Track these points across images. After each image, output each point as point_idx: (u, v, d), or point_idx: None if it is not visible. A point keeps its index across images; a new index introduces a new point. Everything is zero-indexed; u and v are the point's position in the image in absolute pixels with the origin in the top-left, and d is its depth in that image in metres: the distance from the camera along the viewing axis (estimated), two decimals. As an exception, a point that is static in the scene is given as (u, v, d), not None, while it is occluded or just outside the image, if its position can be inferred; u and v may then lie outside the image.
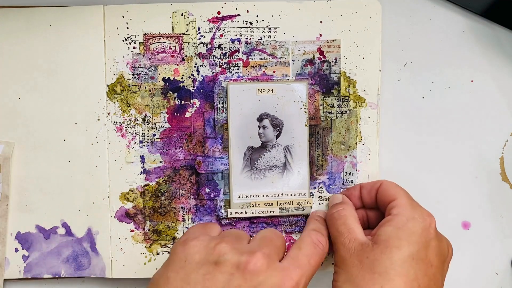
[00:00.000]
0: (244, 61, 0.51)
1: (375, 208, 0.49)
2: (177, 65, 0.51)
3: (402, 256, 0.42)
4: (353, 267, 0.43)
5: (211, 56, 0.51)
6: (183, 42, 0.51)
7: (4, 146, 0.50)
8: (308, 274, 0.42)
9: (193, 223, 0.51)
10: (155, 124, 0.51)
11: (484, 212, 0.54)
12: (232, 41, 0.51)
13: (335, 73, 0.51)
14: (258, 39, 0.51)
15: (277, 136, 0.51)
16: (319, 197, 0.52)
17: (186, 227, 0.51)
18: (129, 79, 0.51)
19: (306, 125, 0.51)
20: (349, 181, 0.52)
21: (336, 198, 0.50)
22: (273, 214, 0.51)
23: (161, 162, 0.51)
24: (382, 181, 0.48)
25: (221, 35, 0.51)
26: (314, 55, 0.51)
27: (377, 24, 0.51)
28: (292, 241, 0.52)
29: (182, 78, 0.51)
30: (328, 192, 0.52)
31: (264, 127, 0.51)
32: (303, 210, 0.51)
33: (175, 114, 0.51)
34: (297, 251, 0.44)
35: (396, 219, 0.44)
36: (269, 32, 0.51)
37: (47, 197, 0.51)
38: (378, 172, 0.52)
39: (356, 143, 0.51)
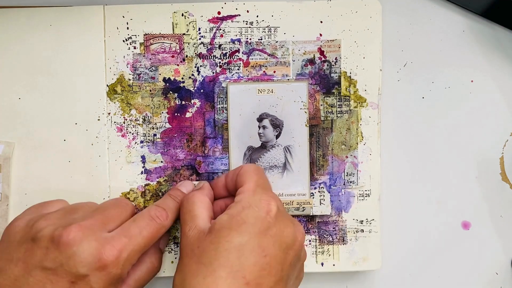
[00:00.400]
0: (244, 61, 0.51)
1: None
2: (178, 65, 0.51)
3: (228, 247, 0.40)
4: (186, 256, 0.42)
5: (211, 56, 0.51)
6: (183, 43, 0.51)
7: (4, 146, 0.50)
8: (136, 244, 0.43)
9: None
10: (155, 124, 0.51)
11: (484, 212, 0.54)
12: (232, 41, 0.51)
13: (336, 73, 0.51)
14: (258, 39, 0.51)
15: (277, 136, 0.51)
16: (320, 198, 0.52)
17: (186, 227, 0.51)
18: (129, 79, 0.51)
19: (306, 125, 0.51)
20: (351, 182, 0.52)
21: (197, 185, 0.49)
22: (273, 214, 0.51)
23: (161, 162, 0.51)
24: (242, 166, 0.47)
25: (222, 35, 0.51)
26: (314, 55, 0.51)
27: (378, 24, 0.51)
28: (292, 241, 0.52)
29: (182, 78, 0.51)
30: (329, 192, 0.52)
31: (264, 127, 0.51)
32: (303, 211, 0.51)
33: (176, 114, 0.51)
34: (130, 222, 0.44)
35: (234, 207, 0.43)
36: (269, 32, 0.51)
37: (47, 197, 0.51)
38: (379, 173, 0.52)
39: (357, 143, 0.52)
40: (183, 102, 0.51)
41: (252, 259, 0.41)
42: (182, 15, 0.51)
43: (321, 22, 0.51)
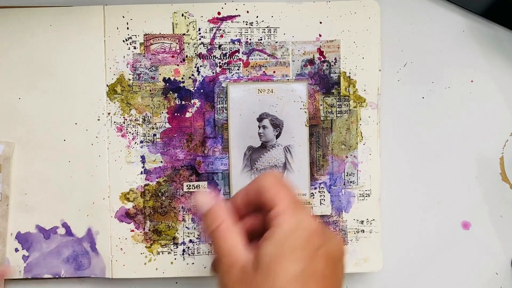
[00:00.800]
0: (244, 61, 0.51)
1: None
2: (178, 65, 0.51)
3: (287, 279, 0.36)
4: None
5: (211, 57, 0.51)
6: (183, 43, 0.51)
7: (5, 146, 0.50)
8: None
9: (193, 223, 0.51)
10: (155, 124, 0.51)
11: (484, 212, 0.54)
12: (232, 41, 0.51)
13: (335, 73, 0.51)
14: (258, 40, 0.51)
15: (277, 136, 0.51)
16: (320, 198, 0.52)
17: (186, 227, 0.51)
18: (129, 79, 0.51)
19: (306, 125, 0.51)
20: (351, 182, 0.52)
21: (205, 199, 0.42)
22: (273, 214, 0.51)
23: (161, 162, 0.51)
24: (261, 180, 0.41)
25: (221, 36, 0.51)
26: (314, 55, 0.51)
27: (376, 24, 0.51)
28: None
29: (182, 78, 0.51)
30: (329, 192, 0.52)
31: (264, 127, 0.51)
32: (303, 210, 0.51)
33: (176, 114, 0.51)
34: None
35: (277, 233, 0.38)
36: (269, 33, 0.51)
37: (47, 197, 0.51)
38: (379, 172, 0.52)
39: (357, 143, 0.52)
40: (183, 102, 0.51)
41: (313, 285, 0.37)
42: (182, 15, 0.51)
43: (321, 22, 0.51)
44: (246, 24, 0.51)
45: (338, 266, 0.40)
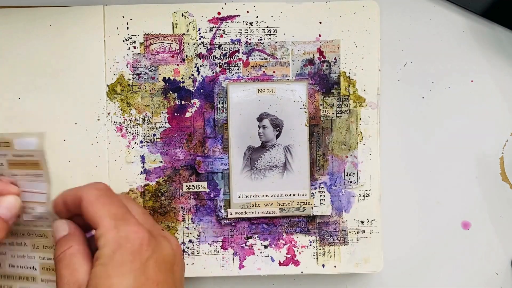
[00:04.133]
0: (244, 61, 0.51)
1: None
2: (178, 65, 0.51)
3: None
4: None
5: (211, 57, 0.51)
6: (183, 43, 0.51)
7: (37, 138, 0.43)
8: None
9: (193, 223, 0.51)
10: (155, 124, 0.51)
11: (484, 212, 0.54)
12: (232, 41, 0.51)
13: (335, 73, 0.51)
14: (258, 40, 0.51)
15: (277, 136, 0.51)
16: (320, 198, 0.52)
17: (186, 227, 0.51)
18: (129, 79, 0.51)
19: (306, 125, 0.51)
20: (351, 182, 0.52)
21: (61, 228, 0.42)
22: (273, 214, 0.51)
23: (161, 162, 0.51)
24: (81, 194, 0.40)
25: (221, 36, 0.51)
26: (313, 55, 0.51)
27: (376, 25, 0.51)
28: (292, 242, 0.52)
29: (182, 78, 0.51)
30: (329, 192, 0.52)
31: (264, 127, 0.51)
32: (303, 211, 0.51)
33: (175, 114, 0.51)
34: None
35: (102, 255, 0.38)
36: (269, 33, 0.51)
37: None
38: (379, 172, 0.52)
39: (357, 143, 0.52)
40: (183, 102, 0.51)
41: None
42: (182, 15, 0.51)
43: (320, 23, 0.51)
44: (246, 24, 0.51)
45: (173, 269, 0.41)
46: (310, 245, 0.52)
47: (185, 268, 0.44)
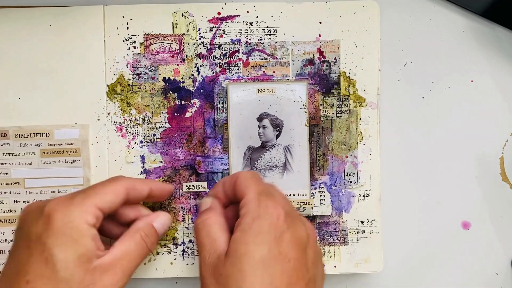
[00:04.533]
0: (244, 61, 0.51)
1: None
2: (178, 65, 0.51)
3: (252, 263, 0.39)
4: (211, 286, 0.40)
5: (211, 57, 0.51)
6: (183, 43, 0.51)
7: (80, 129, 0.50)
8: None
9: (193, 223, 0.51)
10: (155, 124, 0.51)
11: (484, 212, 0.54)
12: (232, 41, 0.51)
13: (335, 73, 0.51)
14: (258, 40, 0.51)
15: (277, 136, 0.51)
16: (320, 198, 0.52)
17: (186, 227, 0.51)
18: (129, 79, 0.51)
19: (306, 125, 0.51)
20: (351, 182, 0.52)
21: (204, 203, 0.46)
22: (273, 214, 0.51)
23: (161, 162, 0.51)
24: (238, 174, 0.45)
25: (221, 36, 0.51)
26: (313, 55, 0.51)
27: (376, 25, 0.51)
28: (292, 241, 0.52)
29: (182, 78, 0.51)
30: (329, 192, 0.52)
31: (264, 126, 0.51)
32: (304, 211, 0.51)
33: (175, 114, 0.51)
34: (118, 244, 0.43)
35: (243, 222, 0.41)
36: (269, 33, 0.51)
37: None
38: (379, 172, 0.52)
39: (357, 143, 0.52)
40: (183, 102, 0.51)
41: (279, 268, 0.39)
42: (182, 15, 0.51)
43: (320, 23, 0.51)
44: (246, 24, 0.51)
45: (306, 251, 0.42)
46: (310, 245, 0.52)
47: (321, 256, 0.45)
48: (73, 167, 0.50)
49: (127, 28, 0.51)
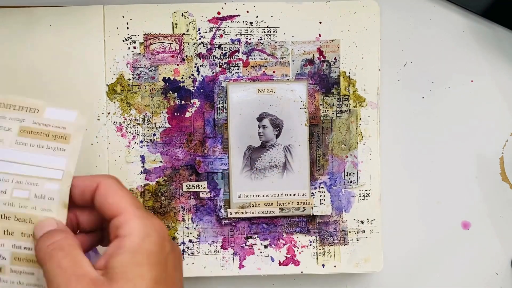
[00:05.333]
0: (244, 61, 0.51)
1: (90, 209, 0.40)
2: (177, 65, 0.51)
3: (148, 285, 0.35)
4: None
5: (211, 56, 0.51)
6: (183, 42, 0.51)
7: (78, 114, 0.41)
8: None
9: (193, 223, 0.51)
10: (155, 124, 0.51)
11: (484, 212, 0.54)
12: (232, 41, 0.51)
13: (335, 72, 0.51)
14: (258, 39, 0.51)
15: (277, 136, 0.51)
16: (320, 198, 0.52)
17: (186, 227, 0.51)
18: (129, 79, 0.51)
19: (306, 125, 0.51)
20: (351, 181, 0.52)
21: (47, 224, 0.38)
22: (273, 214, 0.51)
23: (161, 161, 0.51)
24: (99, 181, 0.39)
25: (221, 36, 0.51)
26: (313, 55, 0.51)
27: (376, 24, 0.51)
28: (292, 242, 0.52)
29: (182, 78, 0.51)
30: (329, 192, 0.52)
31: (264, 126, 0.51)
32: (303, 211, 0.51)
33: (175, 114, 0.51)
34: None
35: (129, 242, 0.36)
36: (269, 33, 0.51)
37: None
38: (379, 172, 0.52)
39: (357, 143, 0.52)
40: (183, 102, 0.51)
41: (170, 281, 0.37)
42: (182, 15, 0.51)
43: (320, 22, 0.51)
44: (246, 24, 0.51)
45: (181, 270, 0.41)
46: (310, 245, 0.52)
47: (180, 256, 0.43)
48: (55, 155, 0.40)
49: (127, 28, 0.51)
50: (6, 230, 0.39)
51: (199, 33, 0.51)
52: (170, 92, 0.51)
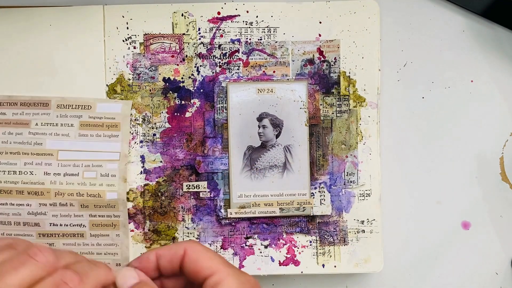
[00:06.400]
0: (244, 61, 0.51)
1: (176, 275, 0.41)
2: (177, 65, 0.51)
3: None
4: None
5: (211, 56, 0.51)
6: (183, 42, 0.51)
7: (123, 105, 0.50)
8: None
9: (193, 223, 0.51)
10: (155, 124, 0.51)
11: (484, 212, 0.54)
12: (232, 41, 0.51)
13: (335, 72, 0.51)
14: (258, 39, 0.51)
15: (277, 136, 0.51)
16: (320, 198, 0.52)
17: (186, 227, 0.51)
18: (129, 79, 0.51)
19: (306, 125, 0.51)
20: (351, 181, 0.52)
21: (129, 276, 0.38)
22: (273, 214, 0.51)
23: (161, 161, 0.51)
24: (185, 248, 0.39)
25: (221, 36, 0.51)
26: (313, 55, 0.51)
27: (376, 24, 0.51)
28: (292, 242, 0.52)
29: (182, 78, 0.51)
30: (329, 192, 0.52)
31: (264, 126, 0.51)
32: (303, 211, 0.51)
33: (175, 114, 0.51)
34: None
35: None
36: (269, 33, 0.51)
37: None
38: (379, 172, 0.52)
39: (357, 143, 0.52)
40: (183, 102, 0.51)
41: None
42: (182, 15, 0.51)
43: (320, 22, 0.51)
44: (246, 24, 0.51)
45: None
46: (310, 245, 0.52)
47: None
48: (111, 141, 0.50)
49: (127, 28, 0.51)
50: (82, 204, 0.49)
51: (199, 33, 0.51)
52: (170, 92, 0.51)
